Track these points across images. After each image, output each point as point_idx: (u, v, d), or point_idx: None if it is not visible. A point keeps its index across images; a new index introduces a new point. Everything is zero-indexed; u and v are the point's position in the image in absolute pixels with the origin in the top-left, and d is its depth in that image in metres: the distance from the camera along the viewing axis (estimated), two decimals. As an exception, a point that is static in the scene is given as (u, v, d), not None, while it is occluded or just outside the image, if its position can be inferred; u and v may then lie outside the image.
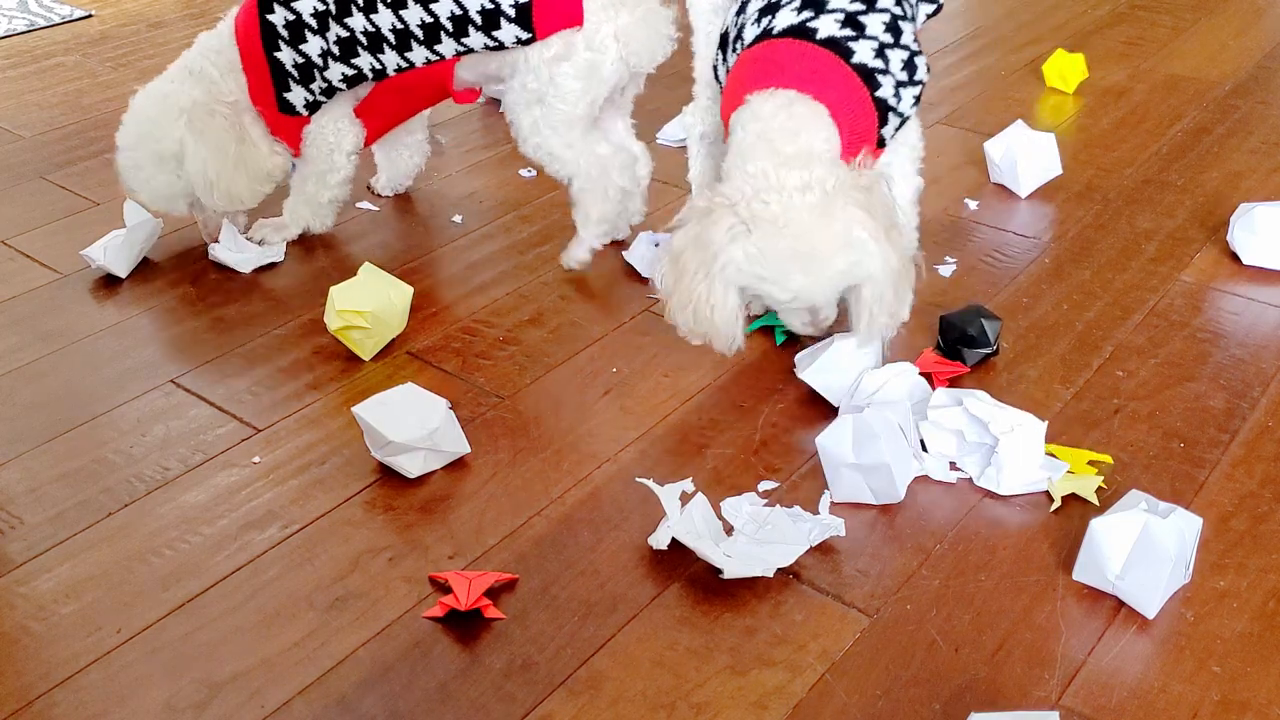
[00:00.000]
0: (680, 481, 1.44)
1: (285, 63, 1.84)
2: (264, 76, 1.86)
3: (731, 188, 1.49)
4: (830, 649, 1.25)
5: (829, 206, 1.45)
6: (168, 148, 1.87)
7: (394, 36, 1.80)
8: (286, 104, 1.88)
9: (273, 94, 1.87)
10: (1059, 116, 2.43)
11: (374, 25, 1.79)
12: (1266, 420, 1.56)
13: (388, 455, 1.48)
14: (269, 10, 1.83)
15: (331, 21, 1.81)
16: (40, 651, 1.27)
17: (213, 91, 1.87)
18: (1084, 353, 1.70)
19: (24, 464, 1.54)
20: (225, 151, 1.86)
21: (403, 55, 1.81)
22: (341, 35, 1.81)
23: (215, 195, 1.89)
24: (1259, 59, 2.69)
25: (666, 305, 1.53)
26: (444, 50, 1.81)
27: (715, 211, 1.48)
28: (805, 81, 1.54)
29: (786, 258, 1.45)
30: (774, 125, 1.51)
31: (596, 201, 1.88)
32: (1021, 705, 1.18)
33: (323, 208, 2.01)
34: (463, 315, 1.82)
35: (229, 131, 1.86)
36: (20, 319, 1.85)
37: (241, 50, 1.87)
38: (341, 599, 1.32)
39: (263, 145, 1.91)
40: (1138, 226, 2.02)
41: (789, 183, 1.45)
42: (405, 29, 1.79)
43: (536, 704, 1.20)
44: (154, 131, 1.87)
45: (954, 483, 1.46)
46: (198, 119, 1.85)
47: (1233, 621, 1.27)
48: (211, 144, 1.85)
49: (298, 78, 1.85)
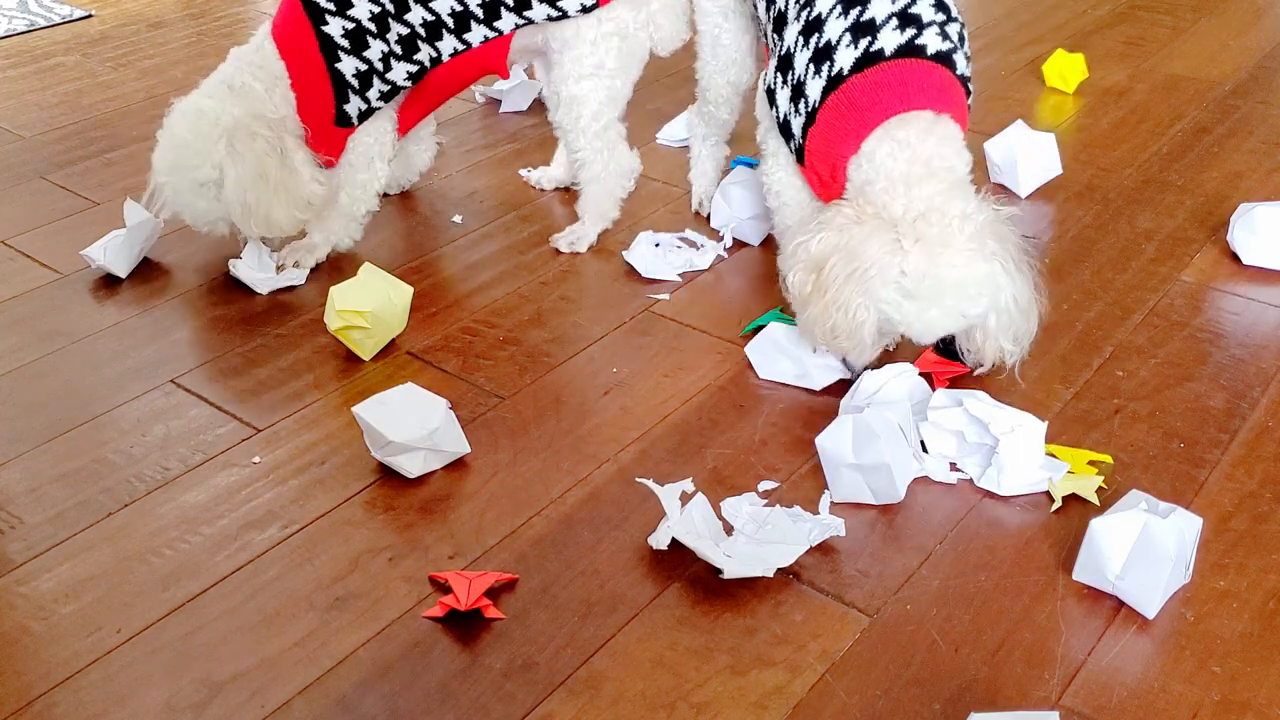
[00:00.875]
0: (680, 481, 1.44)
1: (347, 73, 1.80)
2: (323, 90, 1.80)
3: (887, 205, 1.48)
4: (830, 649, 1.25)
5: (983, 241, 1.45)
6: (207, 174, 1.78)
7: (453, 20, 1.80)
8: (344, 116, 1.83)
9: (331, 107, 1.82)
10: (1059, 116, 2.43)
11: (433, 13, 1.79)
12: (1266, 420, 1.56)
13: (388, 455, 1.48)
14: (323, 22, 1.77)
15: (391, 21, 1.79)
16: (40, 651, 1.27)
17: (257, 108, 1.78)
18: (1084, 353, 1.70)
19: (24, 464, 1.54)
20: (266, 177, 1.77)
21: (460, 38, 1.81)
22: (403, 33, 1.80)
23: (253, 222, 1.80)
24: (1259, 59, 2.69)
25: (801, 307, 1.52)
26: (503, 25, 1.82)
27: (869, 224, 1.46)
28: (938, 101, 1.55)
29: (937, 283, 1.44)
30: (925, 150, 1.51)
31: (602, 200, 1.95)
32: (1021, 705, 1.18)
33: (355, 221, 1.94)
34: (463, 315, 1.82)
35: (270, 155, 1.77)
36: (20, 319, 1.85)
37: (290, 65, 1.80)
38: (341, 599, 1.32)
39: (304, 171, 1.81)
40: (1138, 226, 2.02)
41: (951, 210, 1.45)
42: (465, 9, 1.80)
43: (536, 704, 1.20)
44: (191, 159, 1.79)
45: (954, 483, 1.46)
46: (239, 142, 1.76)
47: (1233, 621, 1.27)
48: (251, 169, 1.76)
49: (357, 87, 1.81)
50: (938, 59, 1.56)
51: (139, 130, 2.46)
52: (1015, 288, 1.48)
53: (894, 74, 1.54)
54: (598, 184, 1.94)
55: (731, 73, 1.92)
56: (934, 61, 1.55)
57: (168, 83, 2.70)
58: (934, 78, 1.55)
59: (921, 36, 1.56)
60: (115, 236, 1.92)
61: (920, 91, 1.54)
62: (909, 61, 1.54)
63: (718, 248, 1.96)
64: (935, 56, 1.56)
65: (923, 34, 1.56)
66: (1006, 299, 1.47)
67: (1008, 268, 1.47)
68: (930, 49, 1.56)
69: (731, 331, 1.76)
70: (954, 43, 1.58)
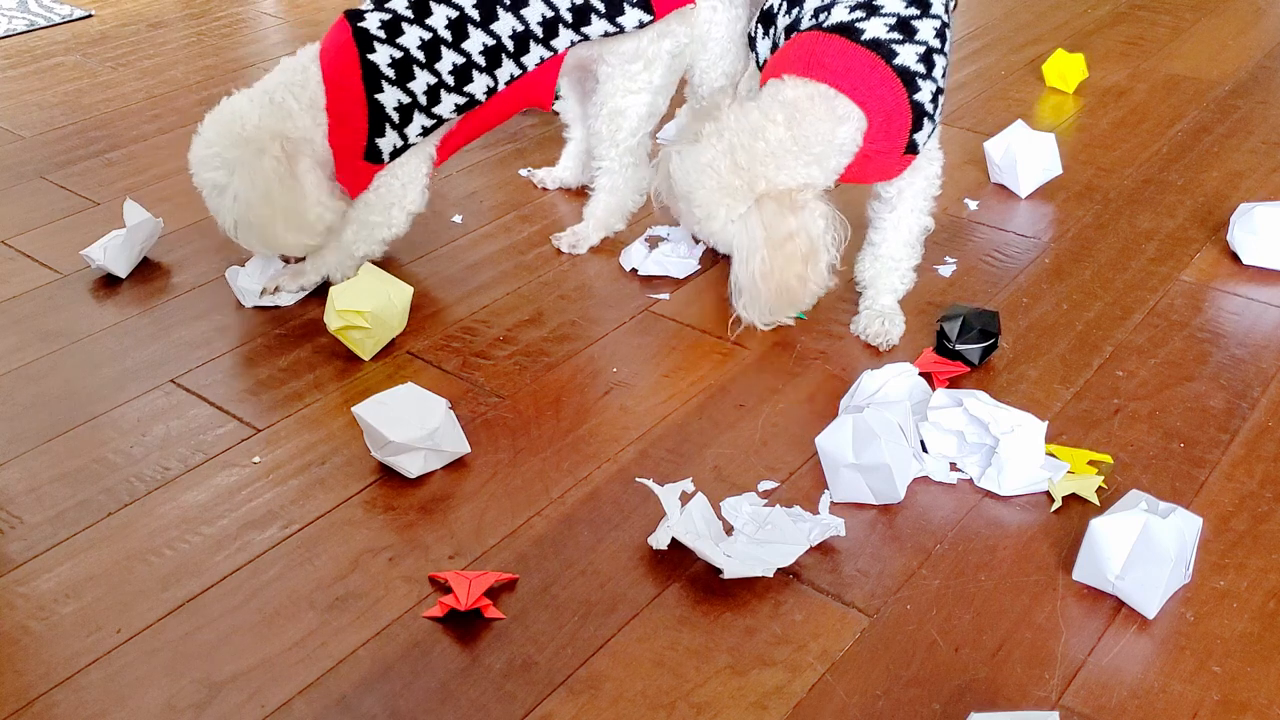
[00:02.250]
0: (680, 481, 1.44)
1: (387, 105, 1.72)
2: (357, 120, 1.73)
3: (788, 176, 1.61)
4: (830, 649, 1.25)
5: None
6: (220, 177, 1.73)
7: (513, 43, 1.76)
8: (375, 151, 1.76)
9: (363, 140, 1.74)
10: (1059, 116, 2.43)
11: (494, 36, 1.74)
12: (1266, 420, 1.56)
13: (388, 455, 1.48)
14: (370, 49, 1.71)
15: (445, 50, 1.73)
16: (40, 651, 1.27)
17: (281, 126, 1.71)
18: (1084, 353, 1.70)
19: (24, 464, 1.54)
20: (269, 196, 1.70)
21: (518, 61, 1.77)
22: (457, 63, 1.73)
23: (252, 236, 1.74)
24: (1259, 59, 2.69)
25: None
26: (559, 44, 1.80)
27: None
28: (840, 79, 1.59)
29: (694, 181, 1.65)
30: (800, 111, 1.60)
31: (613, 210, 1.96)
32: (1021, 705, 1.18)
33: (351, 260, 1.84)
34: (463, 315, 1.82)
35: (276, 175, 1.69)
36: (20, 319, 1.85)
37: (329, 90, 1.72)
38: (341, 599, 1.32)
39: (311, 195, 1.73)
40: (1138, 226, 2.02)
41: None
42: (525, 29, 1.76)
43: (536, 704, 1.20)
44: (210, 158, 1.73)
45: (954, 484, 1.46)
46: (245, 157, 1.69)
47: (1233, 621, 1.27)
48: (257, 185, 1.69)
49: (396, 121, 1.74)
50: (871, 45, 1.60)
51: (139, 130, 2.47)
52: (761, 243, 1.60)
53: (810, 44, 1.62)
54: (613, 195, 1.95)
55: (725, 63, 1.93)
56: (865, 46, 1.60)
57: (168, 83, 2.70)
58: (849, 59, 1.60)
59: (865, 21, 1.61)
60: (115, 236, 1.92)
61: (820, 66, 1.60)
62: (832, 37, 1.61)
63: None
64: (869, 42, 1.60)
65: (870, 19, 1.61)
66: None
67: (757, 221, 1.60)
68: (866, 34, 1.61)
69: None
70: (908, 35, 1.61)
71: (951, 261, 1.92)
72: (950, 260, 1.92)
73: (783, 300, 1.64)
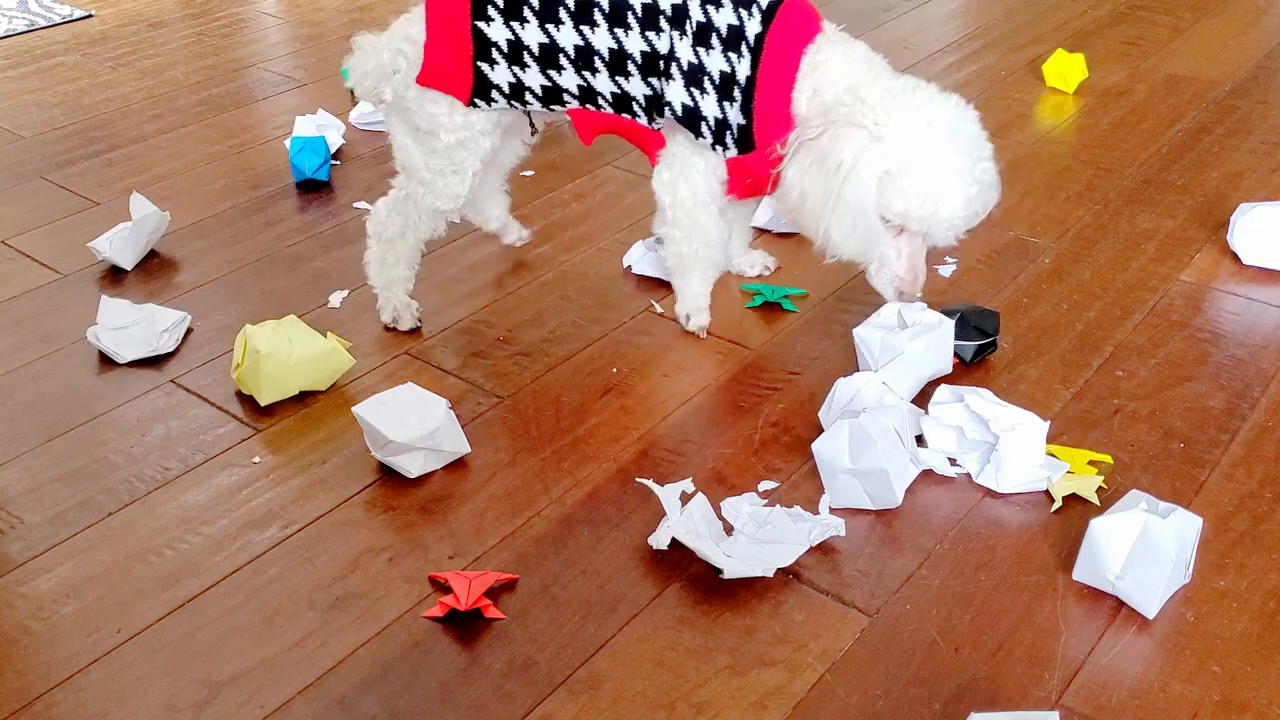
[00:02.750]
0: (680, 481, 1.44)
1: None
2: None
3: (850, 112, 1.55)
4: (830, 649, 1.25)
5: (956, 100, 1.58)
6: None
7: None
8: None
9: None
10: (1059, 116, 2.43)
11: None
12: (1266, 420, 1.56)
13: (388, 455, 1.48)
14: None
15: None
16: (40, 651, 1.27)
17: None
18: (1084, 353, 1.70)
19: (24, 464, 1.54)
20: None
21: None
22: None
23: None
24: (1259, 59, 2.69)
25: (807, 221, 1.56)
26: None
27: (831, 129, 1.53)
28: (818, 16, 1.63)
29: (931, 155, 1.55)
30: (855, 53, 1.60)
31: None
32: (1021, 705, 1.18)
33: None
34: (462, 315, 1.82)
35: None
36: (20, 319, 1.85)
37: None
38: (341, 599, 1.32)
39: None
40: (1138, 226, 2.02)
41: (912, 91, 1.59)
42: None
43: (536, 704, 1.20)
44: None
45: (954, 479, 1.46)
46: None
47: (1233, 621, 1.27)
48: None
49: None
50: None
51: (139, 130, 2.47)
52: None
53: (792, 10, 1.59)
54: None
55: None
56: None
57: (168, 83, 2.70)
58: (810, 4, 1.62)
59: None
60: (122, 229, 1.93)
61: (815, 15, 1.61)
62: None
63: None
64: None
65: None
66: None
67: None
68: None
69: (732, 331, 1.76)
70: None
71: (951, 262, 1.92)
72: (950, 260, 1.92)
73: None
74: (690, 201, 1.67)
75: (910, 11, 3.03)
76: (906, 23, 2.96)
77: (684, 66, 1.57)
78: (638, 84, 1.60)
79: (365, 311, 1.81)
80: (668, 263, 1.76)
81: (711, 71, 1.57)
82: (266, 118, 2.52)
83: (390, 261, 1.76)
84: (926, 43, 2.83)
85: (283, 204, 2.16)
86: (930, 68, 2.68)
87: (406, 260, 1.76)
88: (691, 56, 1.57)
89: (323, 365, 1.62)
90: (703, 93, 1.58)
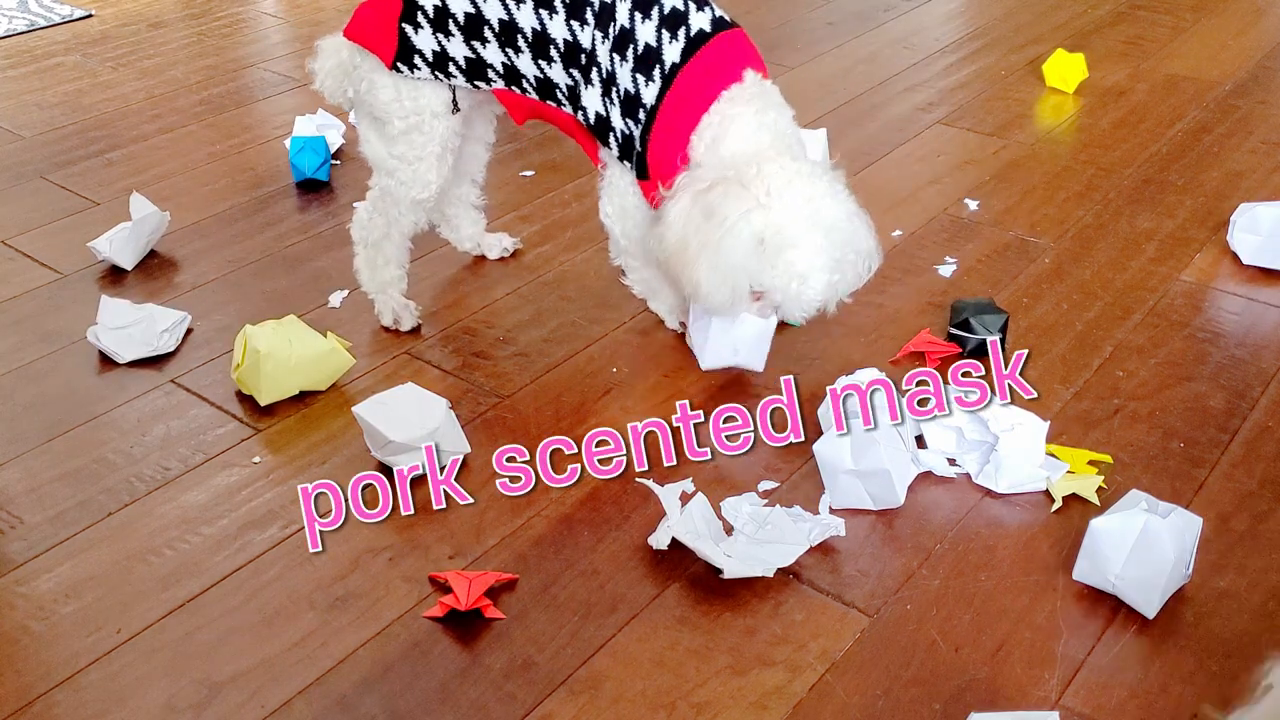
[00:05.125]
0: (680, 481, 1.44)
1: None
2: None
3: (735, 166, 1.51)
4: (830, 649, 1.25)
5: (834, 185, 1.53)
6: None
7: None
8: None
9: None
10: (1059, 116, 2.43)
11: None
12: (1266, 420, 1.56)
13: (388, 455, 1.48)
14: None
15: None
16: (40, 651, 1.27)
17: None
18: (1084, 353, 1.70)
19: (24, 464, 1.54)
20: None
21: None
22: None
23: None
24: (1259, 59, 2.69)
25: (669, 268, 1.53)
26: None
27: (721, 185, 1.49)
28: (759, 65, 1.59)
29: (800, 230, 1.51)
30: (762, 115, 1.56)
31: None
32: (1021, 705, 1.18)
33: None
34: (463, 315, 1.82)
35: None
36: (20, 319, 1.85)
37: None
38: (341, 599, 1.32)
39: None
40: (1138, 226, 2.02)
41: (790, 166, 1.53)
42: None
43: (536, 704, 1.20)
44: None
45: (954, 478, 1.46)
46: None
47: (1233, 621, 1.27)
48: None
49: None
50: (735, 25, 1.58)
51: (139, 130, 2.47)
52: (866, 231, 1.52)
53: (721, 49, 1.55)
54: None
55: None
56: (737, 27, 1.58)
57: (168, 83, 2.70)
58: (749, 45, 1.58)
59: (718, 10, 1.57)
60: (122, 229, 1.93)
61: (744, 59, 1.56)
62: (728, 34, 1.56)
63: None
64: (733, 24, 1.58)
65: (716, 8, 1.58)
66: (865, 242, 1.52)
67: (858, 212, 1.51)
68: (727, 19, 1.58)
69: (731, 331, 1.76)
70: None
71: (952, 261, 1.92)
72: (950, 260, 1.92)
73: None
74: (636, 232, 1.66)
75: (910, 11, 3.03)
76: (906, 23, 2.96)
77: (602, 73, 1.56)
78: (559, 71, 1.59)
79: (365, 311, 1.81)
80: (636, 289, 1.76)
81: (621, 85, 1.56)
82: (266, 118, 2.52)
83: (380, 264, 1.76)
84: (926, 43, 2.83)
85: (283, 204, 2.16)
86: (930, 68, 2.68)
87: (396, 260, 1.77)
88: (609, 63, 1.56)
89: (323, 365, 1.62)
90: (612, 103, 1.57)
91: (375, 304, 1.79)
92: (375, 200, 1.73)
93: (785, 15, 2.99)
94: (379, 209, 1.73)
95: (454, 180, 1.85)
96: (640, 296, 1.78)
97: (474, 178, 1.89)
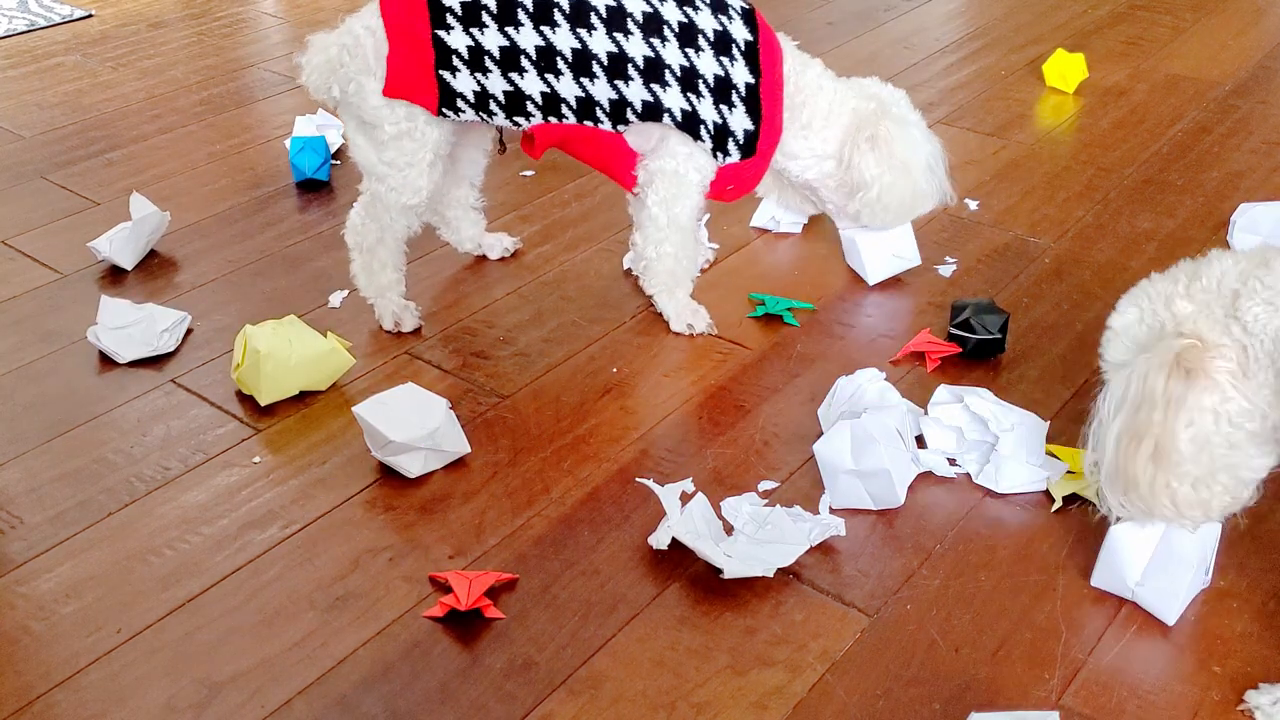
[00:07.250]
0: (680, 481, 1.44)
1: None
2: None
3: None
4: (830, 649, 1.25)
5: None
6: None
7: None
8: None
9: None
10: (1059, 116, 2.43)
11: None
12: (1266, 420, 1.56)
13: (388, 455, 1.48)
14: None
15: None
16: (40, 651, 1.27)
17: None
18: (1084, 353, 1.70)
19: (24, 464, 1.54)
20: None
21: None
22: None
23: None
24: (1259, 59, 2.69)
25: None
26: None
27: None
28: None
29: None
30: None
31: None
32: (1021, 705, 1.18)
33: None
34: (463, 315, 1.82)
35: None
36: (20, 319, 1.85)
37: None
38: (341, 599, 1.32)
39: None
40: (1138, 226, 2.02)
41: None
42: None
43: (536, 704, 1.20)
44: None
45: (954, 478, 1.46)
46: None
47: (1233, 621, 1.27)
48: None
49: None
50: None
51: (139, 130, 2.47)
52: None
53: (760, 17, 1.67)
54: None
55: None
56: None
57: (168, 83, 2.70)
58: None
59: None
60: (122, 229, 1.93)
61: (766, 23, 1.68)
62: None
63: (714, 247, 1.96)
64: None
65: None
66: None
67: None
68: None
69: (732, 331, 1.76)
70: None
71: (952, 261, 1.92)
72: (950, 260, 1.92)
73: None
74: (685, 218, 1.68)
75: (910, 11, 3.03)
76: (906, 23, 2.96)
77: (676, 71, 1.57)
78: (603, 87, 1.59)
79: (365, 311, 1.81)
80: (656, 280, 1.75)
81: (705, 75, 1.57)
82: (266, 118, 2.52)
83: (376, 269, 1.77)
84: (926, 43, 2.83)
85: (283, 204, 2.16)
86: (930, 68, 2.68)
87: (393, 264, 1.77)
88: (681, 59, 1.57)
89: (323, 365, 1.62)
90: (699, 97, 1.58)
91: (375, 309, 1.79)
92: (366, 205, 1.73)
93: (785, 15, 2.99)
94: (371, 214, 1.73)
95: (452, 184, 1.85)
96: (648, 294, 1.79)
97: (472, 181, 1.89)
